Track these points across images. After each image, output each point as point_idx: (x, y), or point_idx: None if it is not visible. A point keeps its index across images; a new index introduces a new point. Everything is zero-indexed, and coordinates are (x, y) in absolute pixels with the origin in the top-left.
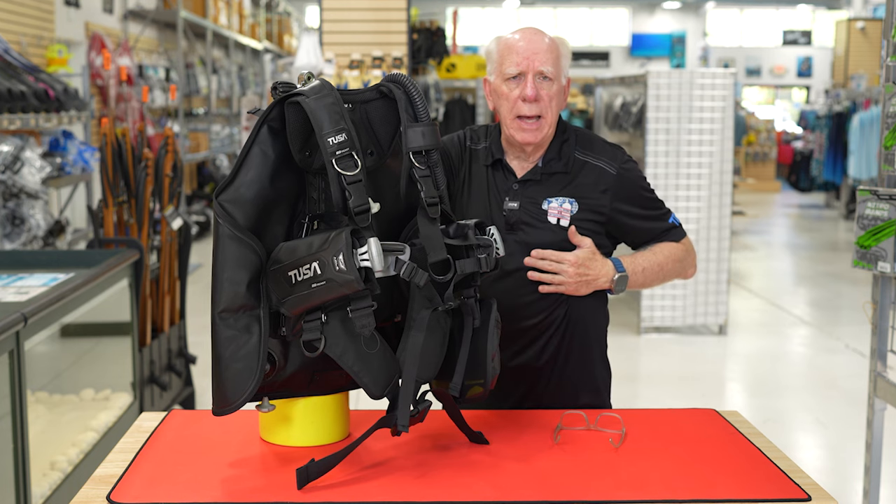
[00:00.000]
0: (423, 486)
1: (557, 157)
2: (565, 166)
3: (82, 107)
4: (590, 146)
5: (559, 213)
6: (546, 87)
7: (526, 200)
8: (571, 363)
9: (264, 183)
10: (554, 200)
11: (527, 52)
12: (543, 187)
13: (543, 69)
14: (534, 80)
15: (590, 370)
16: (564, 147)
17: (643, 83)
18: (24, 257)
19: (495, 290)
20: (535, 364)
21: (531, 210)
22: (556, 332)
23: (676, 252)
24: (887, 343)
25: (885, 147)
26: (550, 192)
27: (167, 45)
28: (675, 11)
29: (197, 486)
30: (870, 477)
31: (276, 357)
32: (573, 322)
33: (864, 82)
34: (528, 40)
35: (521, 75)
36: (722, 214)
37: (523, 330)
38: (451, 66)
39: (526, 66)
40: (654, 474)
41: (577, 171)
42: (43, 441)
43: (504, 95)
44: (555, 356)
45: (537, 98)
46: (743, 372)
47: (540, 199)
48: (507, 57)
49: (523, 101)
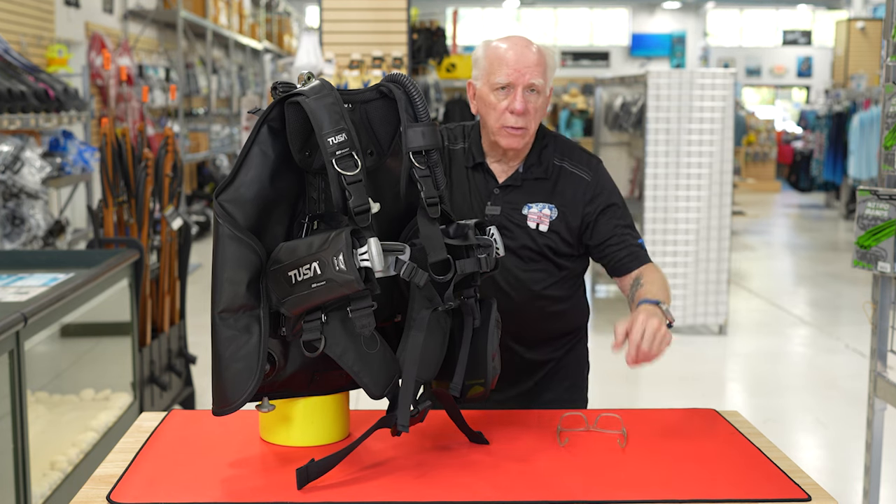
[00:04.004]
0: (423, 486)
1: (538, 163)
2: (545, 172)
3: (82, 107)
4: (568, 153)
5: (539, 219)
6: (533, 99)
7: (507, 206)
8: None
9: (264, 183)
10: (534, 206)
11: (517, 65)
12: (524, 193)
13: (534, 82)
14: (523, 93)
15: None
16: (544, 153)
17: (643, 83)
18: (24, 257)
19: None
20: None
21: (511, 215)
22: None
23: (662, 278)
24: (887, 343)
25: (885, 147)
26: (530, 198)
27: (167, 45)
28: (675, 11)
29: (197, 486)
30: (870, 477)
31: (276, 357)
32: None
33: (864, 82)
34: (518, 52)
35: (510, 87)
36: (722, 214)
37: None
38: (451, 66)
39: (516, 78)
40: (654, 474)
41: (555, 177)
42: (43, 441)
43: (491, 105)
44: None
45: (526, 112)
46: (743, 372)
47: (520, 204)
48: (497, 67)
49: (511, 113)
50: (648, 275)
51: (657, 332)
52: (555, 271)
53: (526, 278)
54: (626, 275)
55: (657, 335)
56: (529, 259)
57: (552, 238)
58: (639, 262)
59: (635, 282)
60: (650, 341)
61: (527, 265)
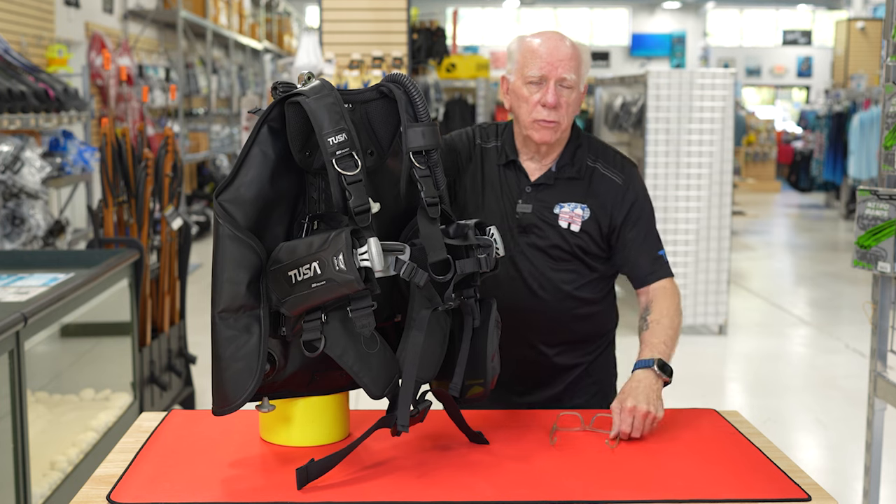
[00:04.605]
0: (423, 486)
1: (570, 163)
2: (578, 172)
3: (82, 107)
4: (602, 155)
5: (570, 218)
6: (566, 94)
7: (538, 204)
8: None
9: (264, 183)
10: (566, 205)
11: (550, 59)
12: (556, 191)
13: (566, 76)
14: (555, 87)
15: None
16: (578, 153)
17: (643, 83)
18: (24, 257)
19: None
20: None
21: (543, 214)
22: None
23: (674, 307)
24: (887, 343)
25: (885, 147)
26: (562, 197)
27: (167, 45)
28: (675, 11)
29: (197, 486)
30: (870, 477)
31: (276, 357)
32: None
33: (864, 82)
34: (552, 46)
35: (543, 80)
36: (722, 214)
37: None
38: (451, 66)
39: (548, 71)
40: (654, 474)
41: (588, 177)
42: (43, 441)
43: (524, 98)
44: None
45: (558, 105)
46: (743, 372)
47: (552, 203)
48: (531, 60)
49: (543, 106)
50: (658, 307)
51: (645, 419)
52: (585, 272)
53: (556, 278)
54: (642, 288)
55: (645, 422)
56: (560, 259)
57: (583, 238)
58: (655, 276)
59: (645, 311)
60: (639, 430)
61: (557, 265)
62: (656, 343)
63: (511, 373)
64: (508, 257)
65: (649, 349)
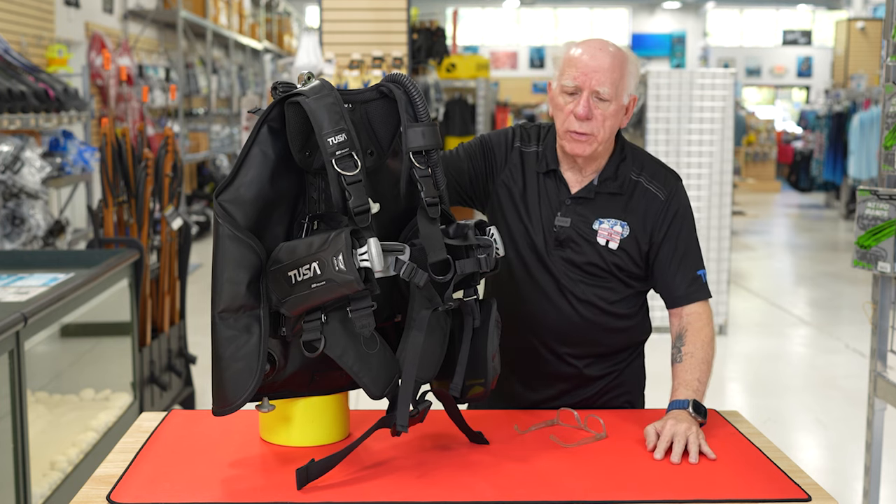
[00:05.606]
0: (423, 486)
1: (613, 177)
2: (620, 187)
3: (82, 107)
4: (647, 168)
5: (609, 236)
6: (602, 106)
7: (577, 218)
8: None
9: (264, 183)
10: (605, 221)
11: (586, 69)
12: (596, 206)
13: (599, 89)
14: (588, 98)
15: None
16: (622, 166)
17: (643, 83)
18: (24, 257)
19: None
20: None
21: (581, 229)
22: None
23: (708, 338)
24: (887, 343)
25: (885, 147)
26: (602, 213)
27: (167, 45)
28: (675, 11)
29: (197, 486)
30: (870, 477)
31: (276, 357)
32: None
33: (864, 82)
34: (589, 56)
35: (578, 91)
36: (722, 214)
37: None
38: (451, 66)
39: (582, 82)
40: (654, 474)
41: (630, 192)
42: (43, 441)
43: (559, 107)
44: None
45: (589, 117)
46: (743, 372)
47: (591, 218)
48: (568, 69)
49: (575, 117)
50: (692, 337)
51: (687, 431)
52: (622, 289)
53: (591, 293)
54: (675, 309)
55: (688, 440)
56: (597, 276)
57: (621, 256)
58: (689, 298)
59: (678, 340)
60: (678, 455)
61: (594, 281)
62: (690, 380)
63: (541, 383)
64: (543, 269)
65: (684, 388)
